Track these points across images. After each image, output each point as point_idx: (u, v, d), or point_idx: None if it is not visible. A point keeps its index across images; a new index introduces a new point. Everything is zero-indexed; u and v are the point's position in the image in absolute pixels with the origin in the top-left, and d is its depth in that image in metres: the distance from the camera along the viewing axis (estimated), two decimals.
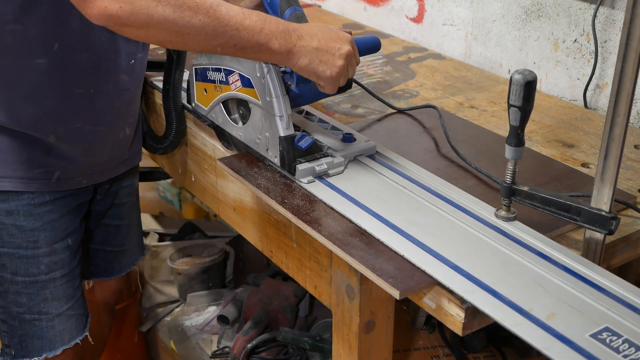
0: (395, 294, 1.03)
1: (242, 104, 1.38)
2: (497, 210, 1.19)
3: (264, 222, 1.39)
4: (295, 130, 1.28)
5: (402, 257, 1.09)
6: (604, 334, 0.92)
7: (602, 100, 1.77)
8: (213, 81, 1.41)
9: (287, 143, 1.26)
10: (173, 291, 2.38)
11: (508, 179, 1.14)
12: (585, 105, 1.79)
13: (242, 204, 1.47)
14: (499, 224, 1.17)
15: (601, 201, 1.06)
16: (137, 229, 1.78)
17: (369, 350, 1.22)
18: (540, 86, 1.90)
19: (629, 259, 1.25)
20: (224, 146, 1.49)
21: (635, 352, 0.89)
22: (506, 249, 1.10)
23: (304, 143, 1.26)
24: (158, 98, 1.72)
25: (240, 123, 1.40)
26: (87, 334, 1.56)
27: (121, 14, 1.02)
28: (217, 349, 2.07)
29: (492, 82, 1.92)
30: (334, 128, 1.44)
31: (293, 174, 1.28)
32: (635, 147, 1.54)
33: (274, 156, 1.30)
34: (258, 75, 1.27)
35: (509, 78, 1.07)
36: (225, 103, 1.42)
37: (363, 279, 1.12)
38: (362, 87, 1.68)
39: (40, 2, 1.24)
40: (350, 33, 1.27)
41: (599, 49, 1.74)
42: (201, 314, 2.23)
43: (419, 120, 1.62)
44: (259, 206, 1.39)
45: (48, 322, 1.48)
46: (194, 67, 1.46)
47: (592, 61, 1.75)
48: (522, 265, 1.06)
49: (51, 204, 1.41)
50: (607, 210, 1.06)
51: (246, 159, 1.41)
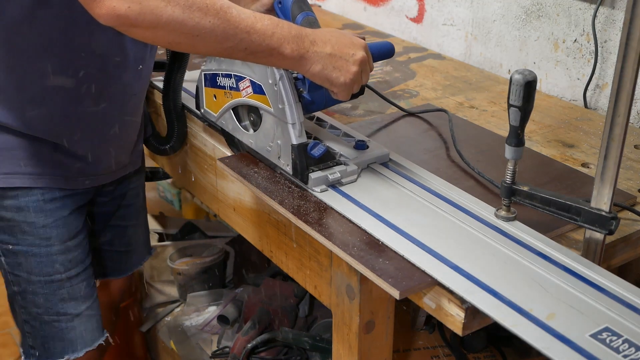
0: (395, 294, 1.03)
1: (253, 111, 1.36)
2: (497, 210, 1.19)
3: (264, 222, 1.39)
4: (307, 137, 1.27)
5: (402, 257, 1.09)
6: (604, 334, 0.92)
7: (602, 100, 1.77)
8: (223, 87, 1.39)
9: (300, 151, 1.24)
10: (173, 291, 2.38)
11: (508, 179, 1.14)
12: (585, 105, 1.79)
13: (242, 204, 1.47)
14: (499, 224, 1.17)
15: (601, 201, 1.06)
16: (144, 229, 1.78)
17: (369, 350, 1.22)
18: (540, 86, 1.90)
19: (629, 259, 1.25)
20: (233, 153, 1.47)
21: (635, 352, 0.89)
22: (506, 249, 1.10)
23: (316, 151, 1.24)
24: (158, 98, 1.72)
25: (250, 130, 1.38)
26: (108, 334, 1.55)
27: (130, 14, 1.01)
28: (217, 349, 2.07)
29: (492, 82, 1.92)
30: (346, 135, 1.41)
31: (306, 182, 1.25)
32: (635, 147, 1.54)
33: (285, 164, 1.28)
34: (270, 81, 1.25)
35: (509, 78, 1.07)
36: (235, 109, 1.40)
37: (363, 279, 1.12)
38: (375, 91, 1.65)
39: (49, 4, 1.24)
40: (364, 39, 1.23)
41: (599, 49, 1.74)
42: (201, 314, 2.23)
43: (419, 121, 1.62)
44: (259, 206, 1.39)
45: (67, 322, 1.46)
46: (203, 73, 1.44)
47: (592, 61, 1.75)
48: (522, 265, 1.06)
49: (61, 200, 1.41)
50: (607, 210, 1.06)
51: (246, 159, 1.41)
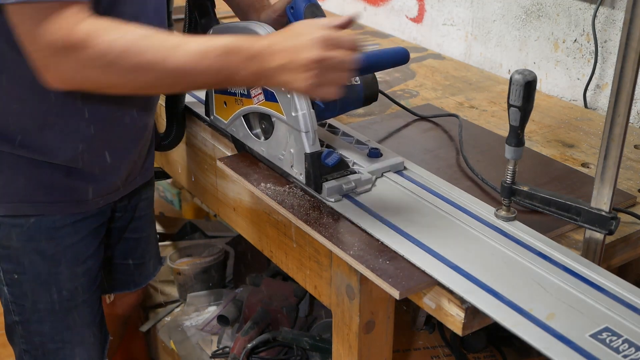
0: (395, 294, 1.03)
1: (265, 118, 1.33)
2: (497, 210, 1.19)
3: (264, 222, 1.39)
4: (320, 145, 1.24)
5: (402, 257, 1.09)
6: (604, 334, 0.92)
7: (602, 100, 1.77)
8: (234, 94, 1.37)
9: (313, 160, 1.22)
10: (173, 291, 2.38)
11: (508, 179, 1.14)
12: (585, 105, 1.79)
13: (242, 204, 1.47)
14: (499, 224, 1.17)
15: (601, 201, 1.06)
16: (154, 239, 1.75)
17: (369, 350, 1.22)
18: (540, 86, 1.90)
19: (629, 259, 1.25)
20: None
21: (635, 352, 0.89)
22: (506, 249, 1.10)
23: (331, 160, 1.22)
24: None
25: (262, 138, 1.35)
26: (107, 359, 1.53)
27: (74, 84, 1.07)
28: (217, 349, 2.07)
29: (492, 82, 1.92)
30: (359, 142, 1.39)
31: (319, 192, 1.23)
32: (635, 147, 1.54)
33: (299, 173, 1.25)
34: (283, 89, 1.22)
35: (509, 78, 1.07)
36: (246, 117, 1.37)
37: (363, 279, 1.12)
38: (388, 97, 1.63)
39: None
40: (349, 23, 1.10)
41: (599, 49, 1.74)
42: (201, 314, 2.23)
43: (419, 120, 1.62)
44: (259, 206, 1.39)
45: (71, 350, 1.44)
46: None
47: (592, 61, 1.75)
48: (522, 265, 1.06)
49: (72, 226, 1.37)
50: (607, 210, 1.06)
51: (246, 159, 1.41)
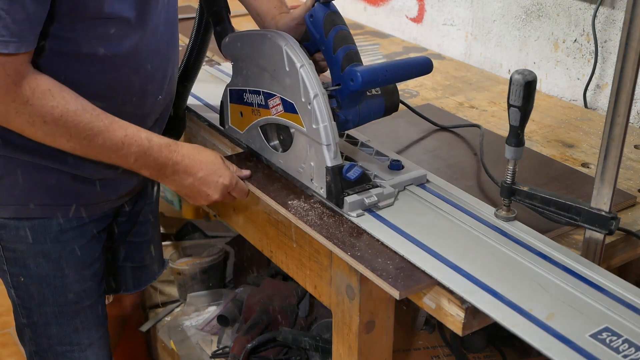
0: (395, 294, 1.03)
1: (283, 130, 1.30)
2: (497, 210, 1.19)
3: (264, 222, 1.39)
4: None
5: (401, 257, 1.09)
6: (604, 334, 0.92)
7: (602, 100, 1.77)
8: (250, 104, 1.34)
9: (335, 174, 1.18)
10: (173, 291, 2.38)
11: (508, 179, 1.14)
12: (585, 105, 1.79)
13: (242, 204, 1.46)
14: (499, 224, 1.17)
15: (601, 201, 1.06)
16: (158, 243, 1.75)
17: (369, 350, 1.22)
18: (540, 86, 1.90)
19: (629, 259, 1.25)
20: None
21: (635, 352, 0.89)
22: (506, 249, 1.10)
23: (353, 174, 1.18)
24: None
25: (280, 150, 1.32)
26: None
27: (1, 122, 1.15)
28: (217, 349, 2.07)
29: (492, 82, 1.92)
30: (379, 153, 1.35)
31: (341, 206, 1.19)
32: (635, 147, 1.54)
33: (319, 187, 1.22)
34: (303, 100, 1.20)
35: (509, 78, 1.07)
36: (263, 127, 1.35)
37: (363, 279, 1.12)
38: (409, 107, 1.60)
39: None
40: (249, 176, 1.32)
41: (599, 49, 1.74)
42: (201, 314, 2.23)
43: (420, 120, 1.62)
44: (259, 206, 1.39)
45: (80, 352, 1.44)
46: (228, 89, 1.40)
47: (592, 61, 1.75)
48: (522, 265, 1.06)
49: (78, 229, 1.37)
50: (607, 210, 1.06)
51: (246, 159, 1.41)
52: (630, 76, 0.98)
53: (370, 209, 1.20)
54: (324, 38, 1.22)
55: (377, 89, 1.28)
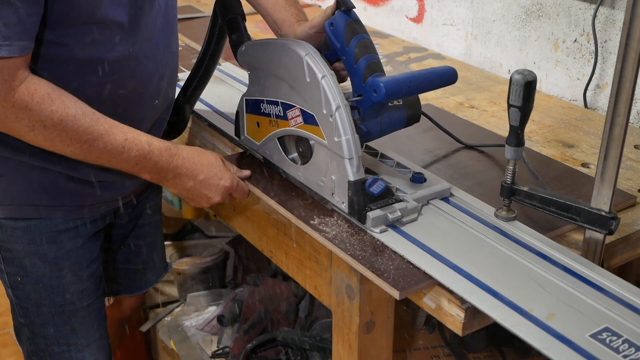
0: (395, 294, 1.03)
1: (302, 142, 1.25)
2: (497, 210, 1.19)
3: (264, 222, 1.39)
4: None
5: (401, 257, 1.09)
6: (604, 334, 0.92)
7: (602, 100, 1.77)
8: (268, 115, 1.30)
9: (357, 188, 1.14)
10: (173, 291, 2.38)
11: (508, 179, 1.14)
12: (585, 105, 1.79)
13: (242, 204, 1.46)
14: (499, 224, 1.16)
15: (601, 201, 1.06)
16: (160, 246, 1.74)
17: (369, 350, 1.22)
18: (540, 86, 1.90)
19: (629, 259, 1.25)
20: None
21: (635, 352, 0.89)
22: (506, 249, 1.10)
23: (376, 188, 1.13)
24: None
25: (299, 162, 1.28)
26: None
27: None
28: (217, 349, 2.07)
29: (492, 82, 1.92)
30: (400, 165, 1.31)
31: (363, 222, 1.15)
32: (635, 147, 1.54)
33: (340, 202, 1.18)
34: (325, 112, 1.15)
35: (509, 78, 1.07)
36: (281, 139, 1.30)
37: (363, 279, 1.12)
38: (431, 120, 1.54)
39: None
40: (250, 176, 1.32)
41: (599, 49, 1.74)
42: (201, 314, 2.23)
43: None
44: (259, 206, 1.39)
45: (78, 353, 1.44)
46: (244, 99, 1.36)
47: (592, 61, 1.75)
48: (522, 265, 1.06)
49: (75, 230, 1.36)
50: (607, 210, 1.06)
51: (247, 159, 1.41)
52: (630, 76, 0.98)
53: (394, 225, 1.16)
54: (345, 47, 1.18)
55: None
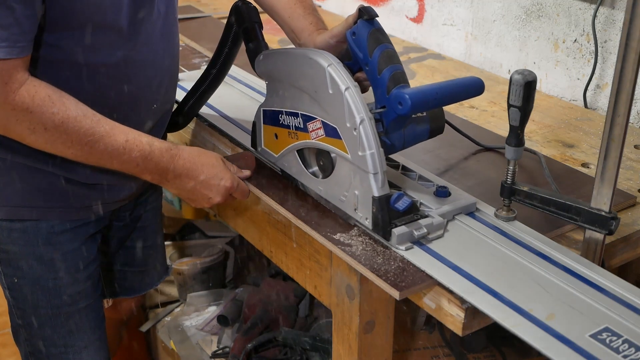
0: (395, 294, 1.03)
1: (323, 155, 1.21)
2: (497, 210, 1.19)
3: (264, 222, 1.39)
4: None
5: (401, 257, 1.09)
6: (604, 334, 0.92)
7: (602, 100, 1.77)
8: (287, 126, 1.26)
9: (382, 204, 1.10)
10: (173, 291, 2.38)
11: (508, 179, 1.14)
12: (585, 105, 1.79)
13: (242, 204, 1.46)
14: (499, 224, 1.16)
15: (601, 201, 1.06)
16: (160, 248, 1.73)
17: (369, 350, 1.22)
18: (540, 86, 1.90)
19: (629, 259, 1.25)
20: None
21: (635, 352, 0.88)
22: (506, 249, 1.10)
23: (401, 204, 1.09)
24: None
25: (320, 176, 1.24)
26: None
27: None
28: (217, 349, 2.07)
29: (492, 82, 1.92)
30: (422, 178, 1.26)
31: (388, 239, 1.11)
32: (635, 147, 1.54)
33: (364, 217, 1.14)
34: (348, 125, 1.11)
35: (509, 78, 1.07)
36: (300, 151, 1.26)
37: (363, 279, 1.12)
38: (455, 128, 1.52)
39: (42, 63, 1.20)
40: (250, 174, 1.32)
41: (599, 49, 1.74)
42: (201, 314, 2.23)
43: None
44: (259, 206, 1.39)
45: (75, 354, 1.43)
46: (262, 109, 1.32)
47: (592, 61, 1.75)
48: (522, 265, 1.06)
49: (71, 231, 1.36)
50: (607, 210, 1.06)
51: (247, 159, 1.41)
52: (630, 76, 0.98)
53: (419, 242, 1.12)
54: (368, 57, 1.15)
55: None
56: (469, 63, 2.10)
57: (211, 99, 1.67)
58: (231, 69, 1.50)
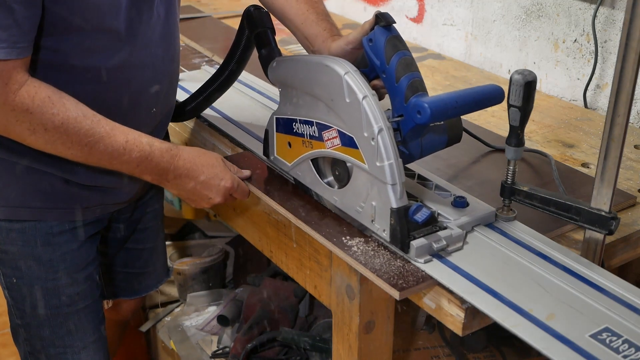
0: (395, 294, 1.03)
1: (339, 164, 1.19)
2: (497, 210, 1.19)
3: (264, 222, 1.39)
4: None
5: (401, 257, 1.09)
6: (604, 334, 0.92)
7: (602, 100, 1.77)
8: (301, 135, 1.23)
9: (401, 216, 1.07)
10: (173, 291, 2.38)
11: (508, 179, 1.14)
12: (585, 105, 1.79)
13: (242, 204, 1.46)
14: (499, 224, 1.16)
15: (601, 201, 1.06)
16: (161, 250, 1.73)
17: (369, 350, 1.22)
18: (540, 86, 1.90)
19: (629, 259, 1.25)
20: None
21: (635, 353, 0.88)
22: (506, 249, 1.10)
23: (420, 216, 1.07)
24: None
25: (336, 186, 1.21)
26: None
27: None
28: (217, 349, 2.07)
29: (492, 82, 1.91)
30: (439, 188, 1.24)
31: (406, 251, 1.08)
32: (635, 147, 1.54)
33: (381, 229, 1.11)
34: (365, 134, 1.08)
35: (509, 78, 1.07)
36: (315, 160, 1.24)
37: (363, 279, 1.12)
38: (472, 135, 1.50)
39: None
40: (249, 177, 1.33)
41: (599, 49, 1.74)
42: (201, 314, 2.23)
43: None
44: (259, 206, 1.39)
45: (74, 355, 1.43)
46: (275, 117, 1.30)
47: (592, 61, 1.75)
48: (522, 265, 1.06)
49: (70, 232, 1.36)
50: (607, 210, 1.06)
51: (247, 160, 1.41)
52: (630, 76, 0.98)
53: (438, 254, 1.09)
54: (385, 65, 1.12)
55: None
56: (469, 63, 2.10)
57: None
58: None
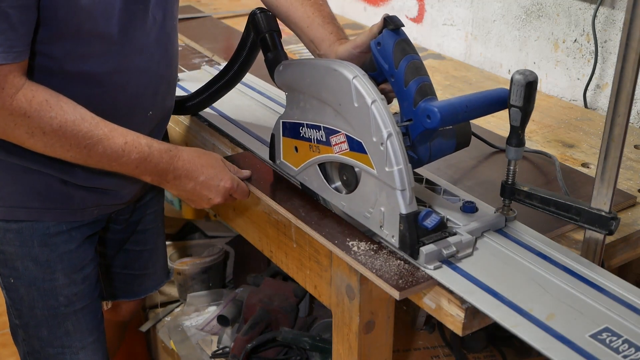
0: (395, 294, 1.03)
1: (346, 169, 1.17)
2: (497, 210, 1.19)
3: (264, 222, 1.39)
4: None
5: (401, 257, 1.09)
6: (604, 334, 0.92)
7: (602, 100, 1.77)
8: (308, 139, 1.22)
9: (410, 222, 1.06)
10: (173, 291, 2.38)
11: (509, 179, 1.14)
12: (585, 105, 1.79)
13: (242, 204, 1.46)
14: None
15: (601, 201, 1.06)
16: (161, 252, 1.73)
17: (369, 350, 1.22)
18: (540, 86, 1.90)
19: (629, 259, 1.25)
20: None
21: (635, 353, 0.89)
22: (506, 249, 1.10)
23: (430, 222, 1.06)
24: None
25: (343, 191, 1.20)
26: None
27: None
28: (217, 349, 2.07)
29: (492, 82, 1.92)
30: (447, 192, 1.23)
31: (415, 258, 1.07)
32: (635, 147, 1.54)
33: (390, 235, 1.10)
34: (374, 139, 1.06)
35: (510, 78, 1.07)
36: (322, 165, 1.23)
37: (363, 279, 1.12)
38: (481, 139, 1.51)
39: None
40: (249, 177, 1.33)
41: (599, 49, 1.74)
42: (201, 314, 2.23)
43: None
44: (259, 206, 1.39)
45: (73, 355, 1.43)
46: (281, 121, 1.28)
47: (592, 61, 1.75)
48: (522, 265, 1.06)
49: (67, 233, 1.35)
50: (607, 210, 1.06)
51: (247, 160, 1.41)
52: (630, 76, 0.98)
53: (448, 260, 1.08)
54: (394, 69, 1.11)
55: None
56: (469, 63, 2.10)
57: None
58: None
